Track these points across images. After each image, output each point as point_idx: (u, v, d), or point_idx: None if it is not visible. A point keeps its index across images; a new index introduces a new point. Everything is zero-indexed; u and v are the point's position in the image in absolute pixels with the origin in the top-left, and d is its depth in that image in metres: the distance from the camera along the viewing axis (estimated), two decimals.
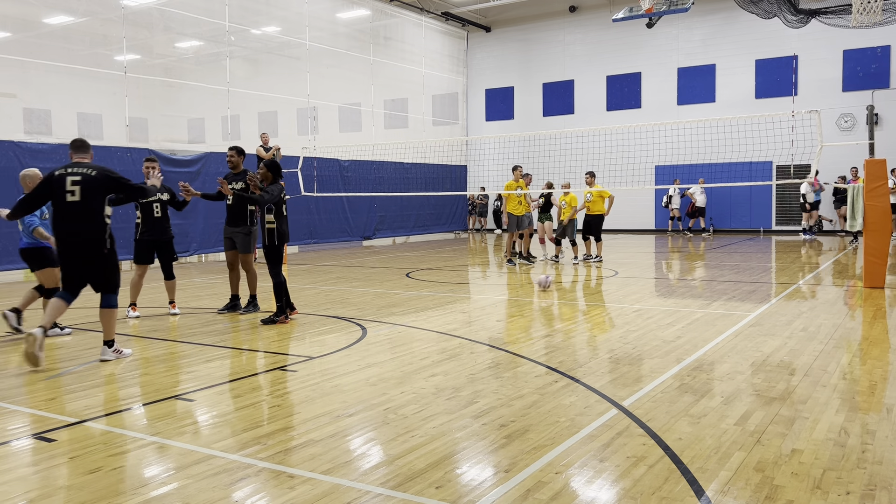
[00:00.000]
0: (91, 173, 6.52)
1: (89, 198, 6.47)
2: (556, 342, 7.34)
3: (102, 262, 6.60)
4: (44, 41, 16.24)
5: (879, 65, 22.33)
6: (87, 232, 6.49)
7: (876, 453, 4.09)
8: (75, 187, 6.44)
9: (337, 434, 4.55)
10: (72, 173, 6.50)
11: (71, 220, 6.46)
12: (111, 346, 6.75)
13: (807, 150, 19.70)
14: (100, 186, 6.51)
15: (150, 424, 4.84)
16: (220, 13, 18.45)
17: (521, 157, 23.70)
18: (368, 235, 23.10)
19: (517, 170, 14.69)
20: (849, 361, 6.31)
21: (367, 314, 9.15)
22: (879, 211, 10.70)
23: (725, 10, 23.59)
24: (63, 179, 6.47)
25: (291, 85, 21.12)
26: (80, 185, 6.45)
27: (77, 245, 6.50)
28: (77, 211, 6.44)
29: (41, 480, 3.88)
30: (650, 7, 15.29)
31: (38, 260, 7.88)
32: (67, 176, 6.49)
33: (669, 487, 3.66)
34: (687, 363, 6.28)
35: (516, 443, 4.33)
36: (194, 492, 3.68)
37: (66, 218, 6.46)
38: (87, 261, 6.56)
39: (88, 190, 6.46)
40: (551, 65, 27.65)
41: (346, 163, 21.93)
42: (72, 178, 6.47)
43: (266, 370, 6.41)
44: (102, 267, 6.61)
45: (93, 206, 6.49)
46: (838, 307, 9.16)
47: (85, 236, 6.49)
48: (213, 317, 9.16)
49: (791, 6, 16.38)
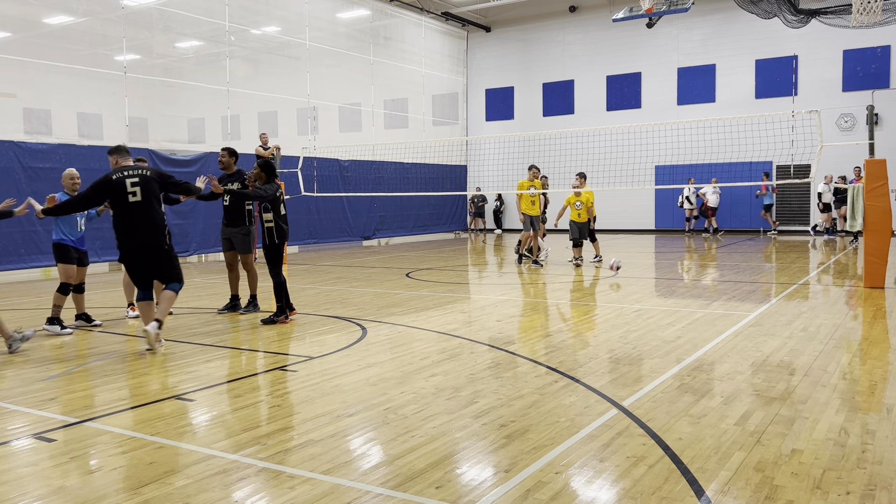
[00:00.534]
0: (146, 173, 6.89)
1: (149, 197, 6.83)
2: (556, 342, 7.34)
3: (166, 256, 6.98)
4: (44, 41, 16.24)
5: (879, 65, 22.33)
6: (150, 230, 6.84)
7: (876, 453, 4.09)
8: (136, 188, 6.79)
9: (337, 434, 4.55)
10: (130, 175, 6.83)
11: (136, 221, 6.80)
12: (159, 327, 7.04)
13: (807, 150, 19.71)
14: (156, 185, 6.88)
15: (150, 424, 4.84)
16: (220, 13, 18.45)
17: (521, 157, 23.71)
18: (368, 235, 23.11)
19: (532, 169, 14.35)
20: (849, 361, 6.31)
21: (367, 314, 9.15)
22: (879, 211, 10.70)
23: (725, 10, 23.59)
24: (123, 182, 6.79)
25: (291, 85, 21.12)
26: (139, 185, 6.80)
27: (141, 244, 6.86)
28: (140, 211, 6.79)
29: (41, 480, 3.88)
30: (650, 7, 15.28)
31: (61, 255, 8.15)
32: (126, 178, 6.80)
33: (669, 487, 3.66)
34: (687, 363, 6.28)
35: (516, 443, 4.33)
36: (194, 492, 3.68)
37: (130, 219, 6.80)
38: (150, 257, 6.91)
39: (148, 189, 6.81)
40: (551, 65, 27.65)
41: (346, 163, 21.93)
42: (130, 179, 6.80)
43: (266, 370, 6.41)
44: (167, 262, 6.99)
45: (153, 205, 6.87)
46: (838, 307, 9.16)
47: (149, 235, 6.84)
48: (213, 317, 9.16)
49: (791, 6, 16.37)
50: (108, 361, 6.71)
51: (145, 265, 6.97)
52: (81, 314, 8.61)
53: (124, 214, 6.84)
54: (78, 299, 8.57)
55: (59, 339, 7.85)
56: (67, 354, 7.09)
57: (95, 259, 15.18)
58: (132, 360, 6.81)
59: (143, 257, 6.92)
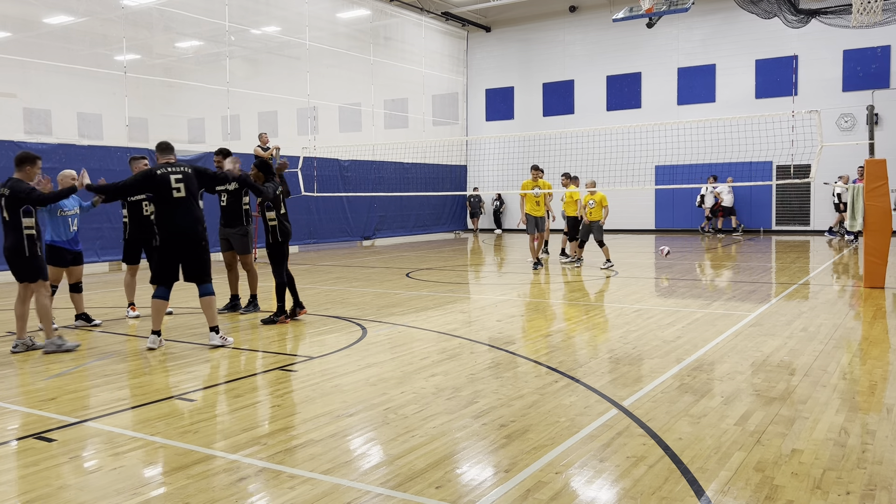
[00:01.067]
0: (187, 170, 7.03)
1: (192, 193, 6.98)
2: (556, 342, 7.34)
3: (202, 253, 7.09)
4: (44, 41, 16.23)
5: (879, 65, 22.33)
6: (192, 225, 6.98)
7: (876, 453, 4.09)
8: (179, 184, 6.93)
9: (337, 434, 4.55)
10: (174, 171, 6.96)
11: (179, 216, 6.94)
12: (218, 332, 7.22)
13: (807, 150, 19.69)
14: (196, 180, 7.02)
15: (150, 424, 4.84)
16: (220, 13, 18.45)
17: (522, 157, 23.71)
18: (368, 235, 23.11)
19: (534, 170, 14.04)
20: (849, 361, 6.31)
21: (367, 314, 9.15)
22: (879, 211, 10.70)
23: (725, 10, 23.58)
24: (168, 178, 6.92)
25: (291, 85, 21.12)
26: (182, 181, 6.94)
27: (182, 239, 6.98)
28: (183, 206, 6.94)
29: (41, 480, 3.88)
30: (650, 7, 15.28)
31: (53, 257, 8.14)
32: (171, 174, 6.94)
33: (669, 487, 3.66)
34: (687, 363, 6.28)
35: (516, 443, 4.33)
36: (194, 492, 3.68)
37: (174, 214, 6.94)
38: (189, 252, 7.02)
39: (190, 185, 6.96)
40: (551, 65, 27.64)
41: (346, 163, 21.93)
42: (174, 175, 6.94)
43: (266, 370, 6.41)
44: (202, 258, 7.10)
45: (195, 201, 7.03)
46: (838, 307, 9.16)
47: (190, 230, 6.97)
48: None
49: (791, 6, 16.37)
50: (108, 361, 6.71)
51: (182, 259, 7.10)
52: (81, 314, 8.62)
53: (168, 209, 7.00)
54: (76, 299, 8.59)
55: None
56: (67, 355, 7.08)
57: (95, 259, 15.18)
58: (132, 360, 6.81)
59: (181, 252, 7.06)
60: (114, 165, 15.56)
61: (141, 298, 10.48)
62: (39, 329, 7.80)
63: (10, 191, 6.96)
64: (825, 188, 21.64)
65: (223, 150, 9.47)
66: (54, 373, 6.30)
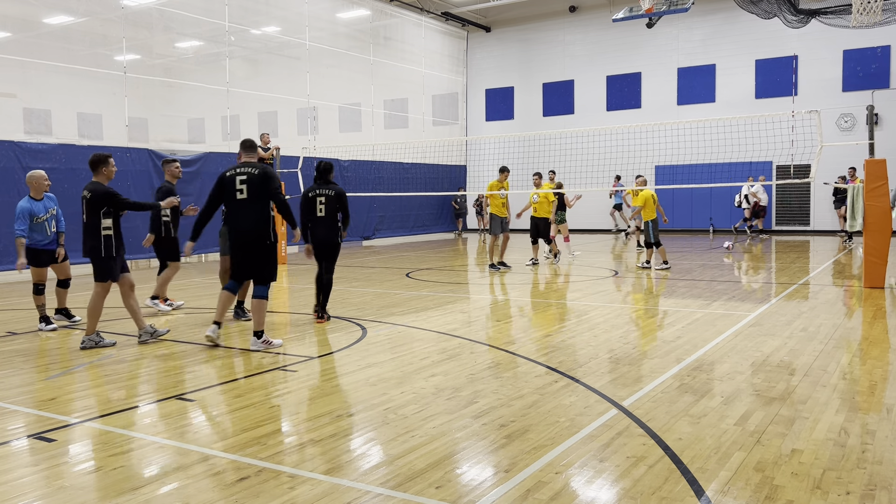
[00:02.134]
0: (255, 172, 7.06)
1: (255, 195, 7.01)
2: (556, 342, 7.34)
3: (265, 254, 7.12)
4: (44, 41, 16.23)
5: (879, 65, 22.33)
6: (253, 227, 7.02)
7: (876, 453, 4.09)
8: (243, 186, 7.03)
9: (337, 434, 4.55)
10: (240, 173, 7.06)
11: (241, 217, 7.02)
12: (260, 337, 7.16)
13: (807, 150, 19.70)
14: (262, 185, 7.03)
15: (150, 424, 4.84)
16: (220, 13, 18.45)
17: (522, 157, 23.70)
18: (368, 235, 23.10)
19: (504, 172, 14.19)
20: (849, 361, 6.31)
21: (367, 314, 9.15)
22: (879, 211, 10.70)
23: (725, 10, 23.59)
24: (233, 179, 7.05)
25: (291, 85, 21.12)
26: (246, 183, 7.02)
27: (245, 239, 7.06)
28: (245, 208, 7.00)
29: (41, 480, 3.88)
30: (650, 7, 15.27)
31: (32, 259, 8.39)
32: (237, 176, 7.05)
33: (669, 487, 3.66)
34: (687, 363, 6.28)
35: (516, 443, 4.33)
36: (194, 492, 3.68)
37: (236, 214, 7.04)
38: (251, 253, 7.10)
39: (253, 188, 7.00)
40: (551, 65, 27.64)
41: (345, 163, 21.93)
42: (240, 177, 7.05)
43: (266, 370, 6.41)
44: (264, 259, 7.13)
45: (258, 203, 7.02)
46: (838, 307, 9.16)
47: (252, 231, 7.02)
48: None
49: (791, 6, 16.36)
50: (108, 361, 6.71)
51: (245, 259, 7.20)
52: (62, 309, 8.81)
53: (231, 210, 7.14)
54: (61, 294, 8.77)
55: (59, 339, 7.85)
56: (67, 354, 7.09)
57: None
58: (132, 360, 6.81)
59: (244, 251, 7.16)
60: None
61: (142, 300, 10.44)
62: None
63: (92, 194, 7.18)
64: (825, 188, 21.64)
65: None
66: (54, 373, 6.30)
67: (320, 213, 8.43)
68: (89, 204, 7.14)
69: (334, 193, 8.42)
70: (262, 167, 7.19)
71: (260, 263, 7.14)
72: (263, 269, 7.15)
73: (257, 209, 7.04)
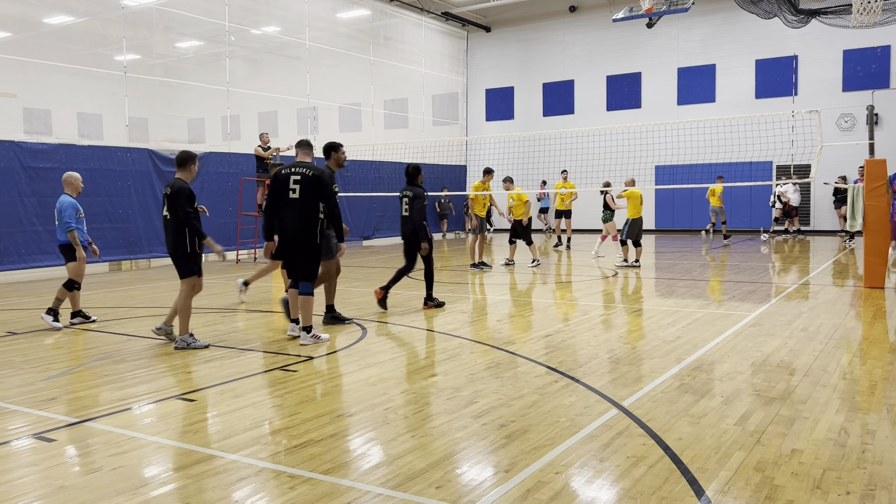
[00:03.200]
0: (308, 174, 7.13)
1: (306, 196, 7.09)
2: (556, 342, 7.34)
3: (311, 252, 7.21)
4: (44, 41, 16.23)
5: (879, 65, 22.33)
6: (300, 227, 7.11)
7: (876, 453, 4.09)
8: (296, 186, 7.12)
9: (337, 434, 4.55)
10: (294, 173, 7.14)
11: (291, 216, 7.10)
12: (309, 332, 7.31)
13: (807, 150, 19.71)
14: (313, 187, 7.11)
15: (150, 424, 4.84)
16: (220, 13, 18.45)
17: (522, 157, 23.73)
18: (368, 235, 23.10)
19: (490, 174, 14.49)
20: (849, 361, 6.31)
21: (367, 314, 9.15)
22: (879, 211, 10.70)
23: (725, 10, 23.59)
24: (287, 178, 7.14)
25: (291, 85, 21.11)
26: (299, 184, 7.11)
27: (291, 238, 7.15)
28: (295, 208, 7.08)
29: (41, 480, 3.88)
30: (650, 7, 15.27)
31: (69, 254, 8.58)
32: (291, 175, 7.14)
33: (669, 487, 3.66)
34: (687, 363, 6.29)
35: (516, 443, 4.33)
36: (194, 492, 3.68)
37: (287, 213, 7.12)
38: (297, 252, 7.19)
39: (305, 189, 7.09)
40: (551, 65, 27.65)
41: (345, 163, 21.90)
42: (294, 177, 7.13)
43: (266, 370, 6.41)
44: (309, 257, 7.23)
45: (308, 204, 7.11)
46: (838, 307, 9.15)
47: (297, 231, 7.11)
48: (213, 317, 9.15)
49: (791, 6, 16.36)
50: (108, 361, 6.71)
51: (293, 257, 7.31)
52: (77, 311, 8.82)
53: (282, 209, 7.19)
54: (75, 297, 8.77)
55: (58, 338, 7.85)
56: (67, 354, 7.09)
57: (93, 259, 15.17)
58: (132, 360, 6.81)
59: (291, 250, 7.26)
60: (114, 165, 15.57)
61: (144, 299, 10.49)
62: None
63: (173, 191, 7.22)
64: (825, 188, 21.63)
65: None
66: (54, 373, 6.30)
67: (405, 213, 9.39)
68: (171, 200, 7.21)
69: (413, 195, 9.30)
70: (318, 169, 7.23)
71: (303, 264, 7.23)
72: (307, 267, 7.24)
73: (306, 210, 7.11)
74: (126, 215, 15.83)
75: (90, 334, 8.11)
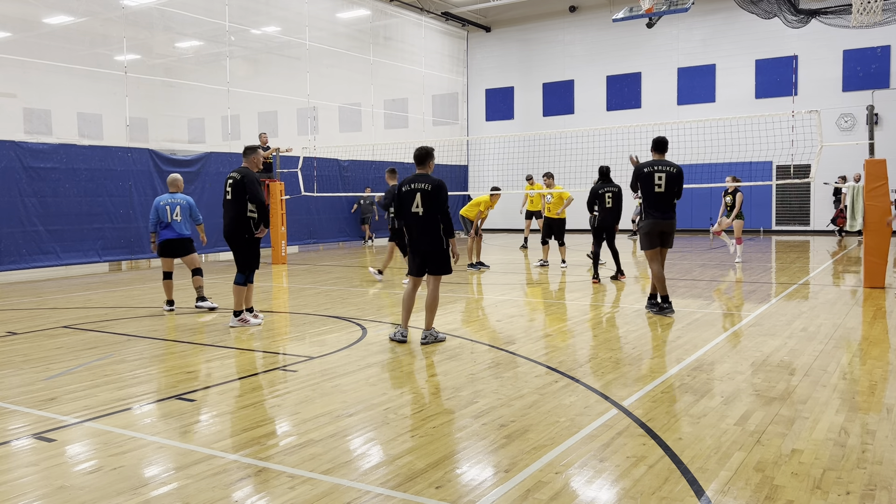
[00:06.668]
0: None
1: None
2: (556, 342, 7.34)
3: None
4: (44, 41, 16.23)
5: (879, 65, 22.33)
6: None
7: (876, 453, 4.09)
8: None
9: (337, 434, 4.55)
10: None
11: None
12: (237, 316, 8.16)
13: (807, 150, 19.70)
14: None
15: (150, 424, 4.84)
16: (220, 13, 18.45)
17: (522, 157, 23.71)
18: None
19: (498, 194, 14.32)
20: (849, 361, 6.31)
21: (367, 314, 9.15)
22: (879, 211, 10.70)
23: (725, 10, 23.59)
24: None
25: (291, 85, 21.12)
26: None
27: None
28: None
29: (41, 480, 3.88)
30: (650, 7, 15.27)
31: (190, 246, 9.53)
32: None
33: (669, 487, 3.66)
34: (687, 363, 6.28)
35: (516, 443, 4.33)
36: (194, 492, 3.68)
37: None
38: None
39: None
40: (551, 65, 27.64)
41: (345, 163, 21.92)
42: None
43: (266, 370, 6.41)
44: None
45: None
46: (838, 307, 9.15)
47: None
48: (213, 317, 9.15)
49: (791, 6, 16.36)
50: (108, 361, 6.71)
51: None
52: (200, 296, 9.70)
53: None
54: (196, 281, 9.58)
55: (58, 338, 7.85)
56: (67, 354, 7.09)
57: (96, 259, 15.19)
58: (132, 360, 6.81)
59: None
60: (114, 165, 15.57)
61: (144, 299, 10.47)
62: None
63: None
64: (825, 188, 21.62)
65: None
66: (54, 373, 6.30)
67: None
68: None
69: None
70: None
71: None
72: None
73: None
74: (127, 215, 15.83)
75: (90, 334, 8.11)
